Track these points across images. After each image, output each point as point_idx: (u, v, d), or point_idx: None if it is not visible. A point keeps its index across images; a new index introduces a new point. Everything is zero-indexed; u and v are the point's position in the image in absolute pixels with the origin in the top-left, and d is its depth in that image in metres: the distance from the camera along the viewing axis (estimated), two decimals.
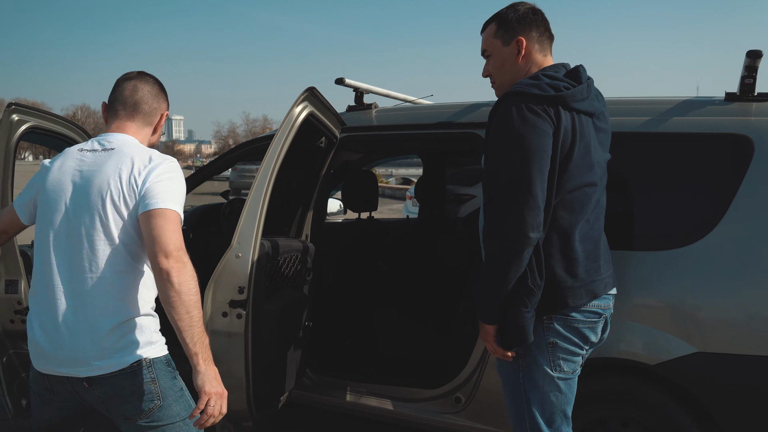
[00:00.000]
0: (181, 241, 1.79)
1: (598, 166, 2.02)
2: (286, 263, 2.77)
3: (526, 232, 1.80)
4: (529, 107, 1.86)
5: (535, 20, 2.10)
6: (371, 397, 3.09)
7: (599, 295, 2.01)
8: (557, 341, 1.98)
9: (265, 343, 2.44)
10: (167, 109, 2.12)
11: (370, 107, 3.43)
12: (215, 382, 1.78)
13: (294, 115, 2.48)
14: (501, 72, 2.14)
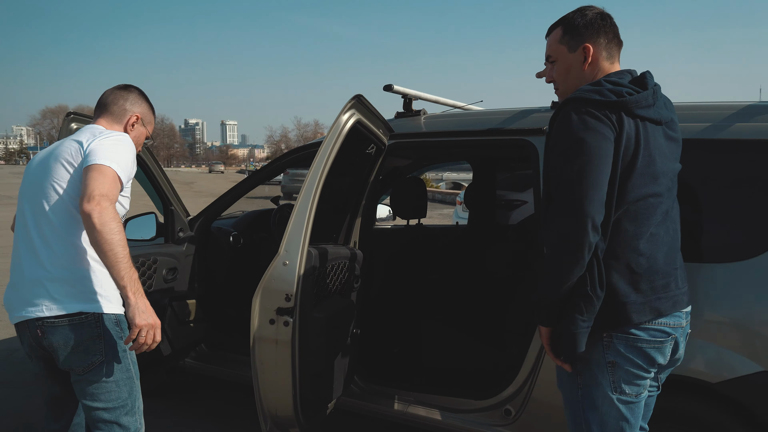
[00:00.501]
0: (109, 191, 1.96)
1: (665, 177, 1.89)
2: (333, 270, 2.77)
3: (586, 231, 1.71)
4: (589, 112, 1.79)
5: (603, 26, 2.00)
6: (419, 407, 3.05)
7: (665, 313, 1.87)
8: (617, 361, 1.86)
9: (312, 350, 2.44)
10: (140, 113, 2.39)
11: (419, 114, 3.40)
12: (145, 314, 1.94)
13: (341, 123, 2.48)
14: (566, 79, 2.06)
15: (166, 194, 3.59)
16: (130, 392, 2.15)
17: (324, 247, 2.69)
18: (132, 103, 2.37)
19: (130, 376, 2.15)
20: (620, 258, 1.82)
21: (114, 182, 1.99)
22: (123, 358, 2.11)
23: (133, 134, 2.36)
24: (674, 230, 1.95)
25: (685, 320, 1.95)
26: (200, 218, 3.87)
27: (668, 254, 1.90)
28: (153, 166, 3.43)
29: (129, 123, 2.35)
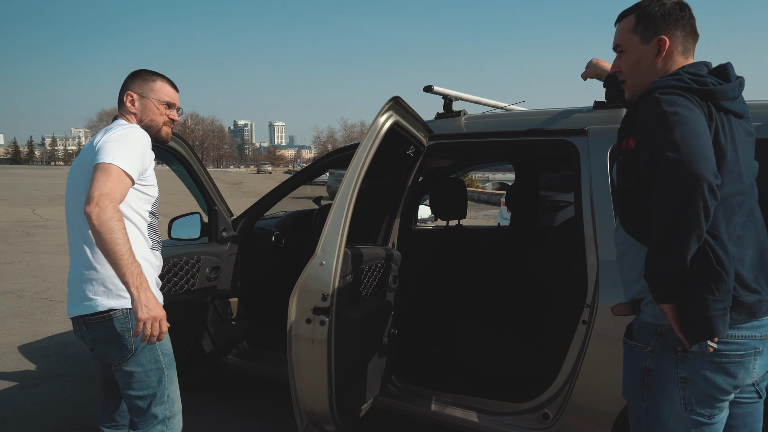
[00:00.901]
0: (111, 189, 1.99)
1: (747, 176, 1.74)
2: (370, 271, 2.79)
3: (701, 194, 1.48)
4: (678, 94, 1.63)
5: (682, 17, 1.84)
6: (456, 408, 3.04)
7: (757, 315, 1.68)
8: (691, 378, 1.70)
9: (348, 350, 2.46)
10: (133, 90, 2.36)
11: (459, 114, 3.39)
12: (147, 307, 1.97)
13: (379, 125, 2.49)
14: (635, 71, 1.91)
15: (210, 195, 3.68)
16: (159, 381, 2.22)
17: (361, 247, 2.71)
18: (124, 86, 2.38)
19: (159, 366, 2.21)
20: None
21: (118, 179, 2.02)
22: (151, 349, 2.19)
23: (139, 111, 2.35)
24: (760, 231, 1.77)
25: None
26: (243, 218, 3.94)
27: (754, 257, 1.72)
28: (197, 167, 3.51)
29: (128, 105, 2.35)
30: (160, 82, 2.40)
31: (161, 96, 2.38)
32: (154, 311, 1.99)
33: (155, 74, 2.42)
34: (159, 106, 2.37)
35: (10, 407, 3.97)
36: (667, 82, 1.68)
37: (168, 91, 2.42)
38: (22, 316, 6.26)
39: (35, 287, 7.70)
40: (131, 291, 1.97)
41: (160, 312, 2.02)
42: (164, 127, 2.42)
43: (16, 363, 4.86)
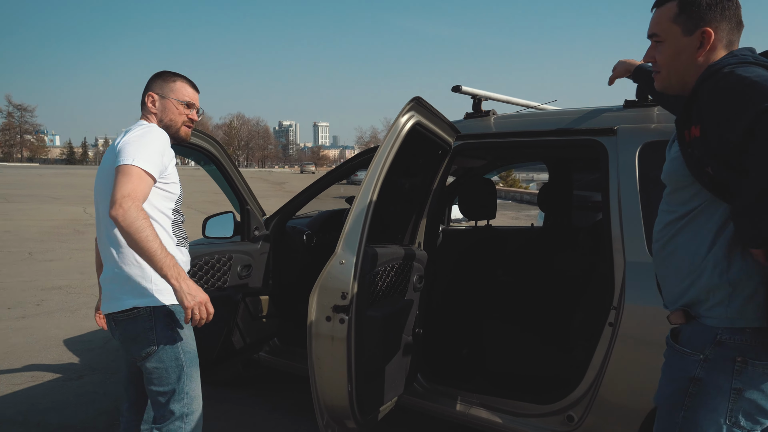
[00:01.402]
0: (132, 190, 2.03)
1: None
2: (393, 270, 2.80)
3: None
4: (749, 63, 1.51)
5: (729, 7, 1.67)
6: (481, 409, 3.04)
7: None
8: (745, 389, 1.60)
9: (368, 348, 2.48)
10: (154, 91, 2.41)
11: (488, 114, 3.38)
12: (191, 295, 2.02)
13: (400, 125, 2.50)
14: (672, 64, 1.75)
15: (243, 194, 3.75)
16: (178, 378, 2.26)
17: (382, 246, 2.72)
18: (146, 88, 2.44)
19: (180, 364, 2.26)
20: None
21: (139, 179, 2.06)
22: (173, 347, 2.24)
23: (159, 111, 2.40)
24: None
25: None
26: (276, 217, 4.01)
27: None
28: (230, 167, 3.59)
29: (148, 105, 2.40)
30: (180, 83, 2.45)
31: (180, 96, 2.43)
32: (198, 297, 2.04)
33: (176, 75, 2.47)
34: (178, 106, 2.41)
35: (53, 398, 4.14)
36: (729, 60, 1.56)
37: (187, 91, 2.46)
38: (69, 311, 6.50)
39: (82, 283, 7.97)
40: (172, 283, 2.02)
41: (204, 296, 2.07)
42: (183, 126, 2.45)
43: (60, 356, 5.05)
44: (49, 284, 7.82)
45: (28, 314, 6.33)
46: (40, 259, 9.74)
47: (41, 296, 7.15)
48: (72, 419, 3.81)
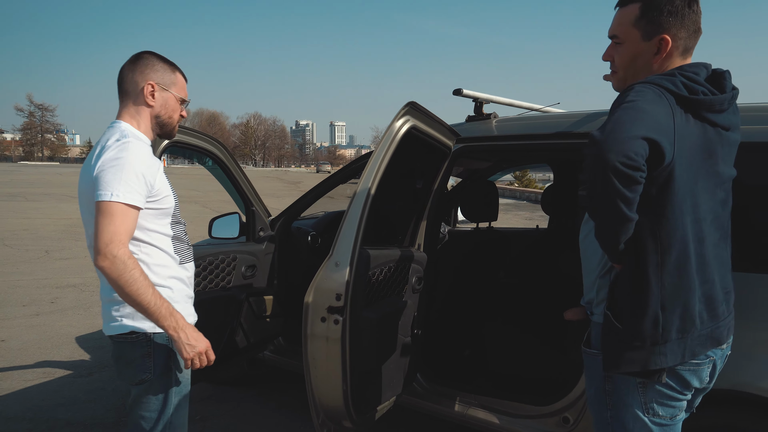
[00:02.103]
0: (115, 233, 1.83)
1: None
2: (390, 272, 2.84)
3: (608, 160, 1.48)
4: (653, 89, 1.58)
5: (688, 16, 1.71)
6: (479, 409, 3.06)
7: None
8: (648, 381, 1.71)
9: (363, 348, 2.51)
10: (155, 79, 2.12)
11: (489, 117, 3.39)
12: (189, 345, 1.96)
13: (394, 129, 2.53)
14: (629, 66, 1.80)
15: (248, 195, 3.81)
16: (165, 407, 2.12)
17: (378, 248, 2.76)
18: (141, 72, 2.11)
19: (170, 394, 2.13)
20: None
21: (122, 217, 1.87)
22: (167, 376, 2.11)
23: (158, 104, 2.14)
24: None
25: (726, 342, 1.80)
26: (281, 218, 4.06)
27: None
28: (234, 169, 3.64)
29: (145, 96, 2.11)
30: (179, 76, 2.21)
31: (180, 91, 2.20)
32: (198, 347, 1.97)
33: (172, 63, 2.21)
34: (176, 102, 2.19)
35: (63, 394, 4.23)
36: (656, 80, 1.62)
37: (184, 85, 2.23)
38: (82, 309, 6.62)
39: (96, 282, 8.08)
40: (170, 333, 1.94)
41: (203, 345, 2.00)
42: (177, 125, 2.25)
43: (72, 353, 5.14)
44: (63, 282, 7.96)
45: (42, 311, 6.45)
46: (56, 257, 9.90)
47: (55, 294, 7.28)
48: (80, 416, 3.89)
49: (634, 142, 1.45)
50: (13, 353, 5.08)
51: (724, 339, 1.76)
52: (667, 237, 1.61)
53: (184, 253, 2.22)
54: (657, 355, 1.63)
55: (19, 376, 4.58)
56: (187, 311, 2.19)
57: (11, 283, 7.81)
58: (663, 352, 1.63)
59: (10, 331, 5.72)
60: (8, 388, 4.33)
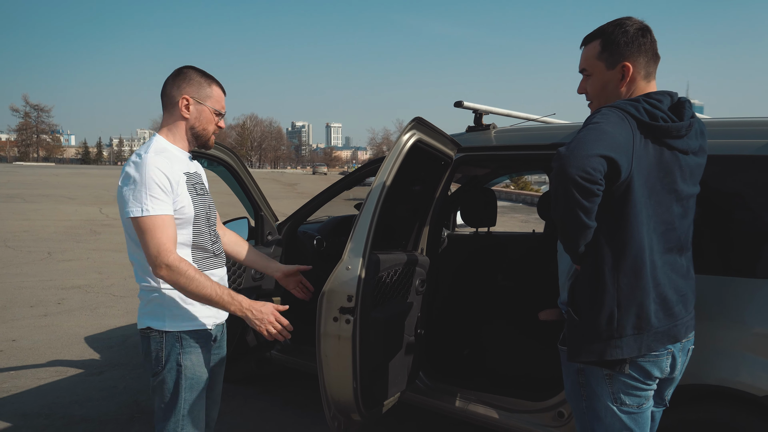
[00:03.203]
0: (158, 244, 2.03)
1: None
2: (396, 275, 3.01)
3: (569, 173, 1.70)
4: (618, 114, 1.78)
5: (644, 44, 1.94)
6: (478, 405, 3.23)
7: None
8: (614, 373, 1.89)
9: (372, 346, 2.68)
10: (189, 93, 2.23)
11: (488, 128, 3.56)
12: (257, 321, 2.19)
13: (402, 142, 2.71)
14: (600, 94, 2.02)
15: (257, 201, 3.97)
16: (176, 401, 2.25)
17: (386, 253, 2.93)
18: (178, 87, 2.24)
19: (179, 388, 2.25)
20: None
21: (160, 228, 2.05)
22: (176, 371, 2.24)
23: (193, 116, 2.25)
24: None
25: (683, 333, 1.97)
26: (288, 223, 4.22)
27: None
28: (244, 175, 3.81)
29: (180, 109, 2.24)
30: (216, 88, 2.31)
31: (216, 104, 2.30)
32: (265, 319, 2.18)
33: (210, 78, 2.31)
34: (212, 114, 2.29)
35: (76, 392, 4.38)
36: (622, 105, 1.82)
37: (221, 98, 2.33)
38: (89, 309, 6.76)
39: (101, 283, 8.24)
40: (238, 315, 2.16)
41: (269, 315, 2.20)
42: (212, 136, 2.36)
43: (82, 352, 5.30)
44: (68, 284, 8.10)
45: (50, 312, 6.60)
46: (58, 258, 10.04)
47: (61, 295, 7.42)
48: (95, 413, 4.04)
49: (593, 159, 1.64)
50: (25, 353, 5.24)
51: (682, 336, 1.95)
52: (624, 243, 1.80)
53: (206, 262, 2.33)
54: (613, 348, 1.83)
55: (32, 374, 4.73)
56: (204, 314, 2.31)
57: (16, 284, 7.95)
58: (619, 345, 1.83)
59: (19, 331, 5.87)
60: (23, 386, 4.48)
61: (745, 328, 2.44)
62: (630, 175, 1.75)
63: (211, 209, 2.40)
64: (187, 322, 2.24)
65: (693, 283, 2.06)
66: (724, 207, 2.62)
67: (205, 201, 2.35)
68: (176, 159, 2.24)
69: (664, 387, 2.08)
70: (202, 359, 2.30)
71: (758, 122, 2.68)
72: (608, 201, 1.78)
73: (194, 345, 2.27)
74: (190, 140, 2.33)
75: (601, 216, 1.78)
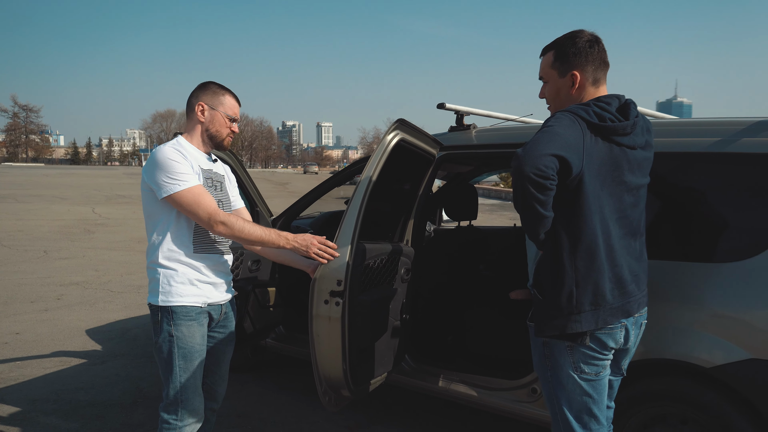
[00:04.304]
0: (206, 210, 2.46)
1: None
2: (382, 263, 3.26)
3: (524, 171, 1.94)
4: (569, 117, 2.03)
5: (591, 53, 2.18)
6: (460, 385, 3.50)
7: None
8: (574, 345, 2.13)
9: (360, 328, 2.93)
10: (204, 100, 2.65)
11: (469, 128, 3.83)
12: (302, 248, 2.66)
13: (386, 142, 2.97)
14: (555, 99, 2.29)
15: (253, 197, 4.22)
16: (171, 368, 2.56)
17: (373, 243, 3.18)
18: (196, 95, 2.65)
19: (173, 357, 2.55)
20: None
21: (197, 198, 2.45)
22: (170, 342, 2.55)
23: (207, 120, 2.64)
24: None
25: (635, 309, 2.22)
26: (282, 218, 4.47)
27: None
28: (241, 172, 4.05)
29: (197, 113, 2.64)
30: (228, 97, 2.69)
31: (228, 110, 2.67)
32: (307, 244, 2.65)
33: (224, 88, 2.71)
34: (225, 119, 2.67)
35: (81, 380, 4.61)
36: (574, 109, 2.08)
37: (233, 105, 2.71)
38: (87, 305, 6.99)
39: (98, 279, 8.45)
40: (284, 246, 2.62)
41: (308, 239, 2.67)
42: (227, 138, 2.72)
43: (84, 344, 5.52)
44: (66, 280, 8.31)
45: (50, 307, 6.81)
46: (54, 257, 10.23)
47: (60, 291, 7.63)
48: (100, 398, 4.28)
49: (546, 158, 1.90)
50: (29, 344, 5.46)
51: (634, 311, 2.21)
52: (579, 230, 2.06)
53: (204, 246, 2.64)
54: (573, 322, 2.09)
55: (37, 364, 4.95)
56: (192, 292, 2.59)
57: (16, 281, 8.15)
58: (578, 320, 2.09)
59: (22, 325, 6.09)
60: (29, 374, 4.71)
61: (699, 309, 2.71)
62: (581, 170, 2.01)
63: (224, 204, 2.77)
64: (176, 298, 2.55)
65: (646, 265, 2.33)
66: (681, 199, 2.90)
67: (218, 195, 2.70)
68: (190, 155, 2.60)
69: (620, 357, 2.34)
70: (195, 332, 2.60)
71: (709, 122, 2.96)
72: (563, 194, 2.04)
73: (184, 319, 2.56)
74: (206, 141, 2.70)
75: (557, 207, 2.05)
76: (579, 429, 2.21)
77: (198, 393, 2.65)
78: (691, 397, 2.69)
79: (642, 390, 2.82)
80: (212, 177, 2.69)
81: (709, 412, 2.63)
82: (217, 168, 2.77)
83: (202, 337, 2.65)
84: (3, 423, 3.83)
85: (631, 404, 2.83)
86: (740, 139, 2.78)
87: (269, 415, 4.09)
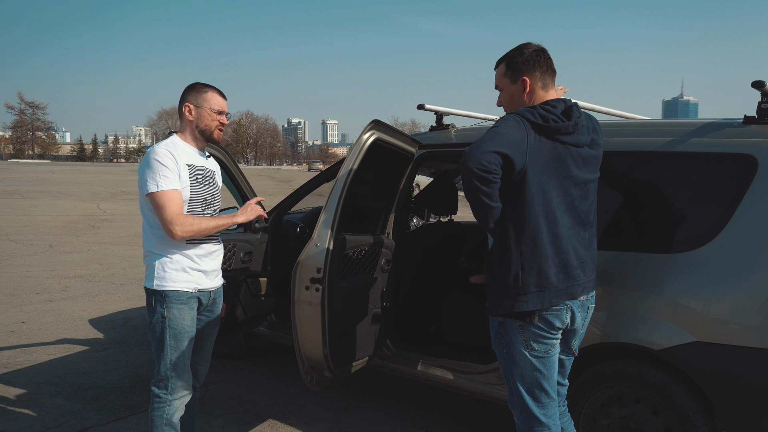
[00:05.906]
0: (171, 213, 2.66)
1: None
2: (363, 254, 3.49)
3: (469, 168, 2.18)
4: (516, 118, 2.25)
5: (538, 61, 2.43)
6: (437, 369, 3.72)
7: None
8: (524, 324, 2.35)
9: (339, 312, 3.16)
10: (189, 100, 2.87)
11: (448, 127, 4.05)
12: (242, 218, 2.99)
13: (362, 141, 3.19)
14: (510, 104, 2.52)
15: (246, 192, 4.45)
16: (162, 347, 2.81)
17: (352, 234, 3.40)
18: (184, 97, 2.89)
19: (164, 336, 2.79)
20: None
21: (168, 200, 2.67)
22: (161, 322, 2.79)
23: (195, 118, 2.86)
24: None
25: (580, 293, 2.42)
26: (274, 212, 4.70)
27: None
28: (234, 169, 4.28)
29: (186, 115, 2.88)
30: (211, 93, 2.90)
31: (212, 105, 2.88)
32: (246, 215, 3.00)
33: (207, 86, 2.92)
34: (211, 113, 2.87)
35: (83, 365, 4.86)
36: (521, 111, 2.31)
37: (217, 100, 2.91)
38: (91, 296, 7.25)
39: (101, 272, 8.72)
40: (241, 221, 2.96)
41: (247, 205, 3.04)
42: (216, 130, 2.92)
43: (87, 332, 5.78)
44: (71, 273, 8.57)
45: (55, 298, 7.07)
46: (60, 251, 10.50)
47: (65, 283, 7.89)
48: (101, 382, 4.53)
49: (488, 155, 2.12)
50: (34, 332, 5.72)
51: (579, 294, 2.43)
52: (523, 219, 2.29)
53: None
54: (520, 302, 2.32)
55: (42, 351, 5.21)
56: (183, 278, 2.82)
57: (22, 274, 8.42)
58: (524, 300, 2.31)
59: (28, 314, 6.35)
60: (34, 360, 4.96)
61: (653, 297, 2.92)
62: (524, 166, 2.23)
63: (213, 198, 2.99)
64: (169, 283, 2.79)
65: (594, 253, 2.55)
66: (639, 194, 3.12)
67: (207, 190, 2.93)
68: (182, 152, 2.84)
69: (570, 338, 2.56)
70: (185, 315, 2.84)
71: (663, 123, 3.19)
72: (509, 187, 2.26)
73: (175, 302, 2.80)
74: (197, 137, 2.93)
75: (504, 198, 2.27)
76: (531, 401, 2.43)
77: (186, 370, 2.89)
78: (643, 378, 2.91)
79: (602, 371, 3.04)
80: (204, 173, 2.91)
81: (658, 390, 2.85)
82: (209, 164, 3.00)
83: (192, 319, 2.89)
84: (10, 404, 4.08)
85: (592, 385, 3.06)
86: (690, 139, 3.01)
87: (260, 398, 4.34)
